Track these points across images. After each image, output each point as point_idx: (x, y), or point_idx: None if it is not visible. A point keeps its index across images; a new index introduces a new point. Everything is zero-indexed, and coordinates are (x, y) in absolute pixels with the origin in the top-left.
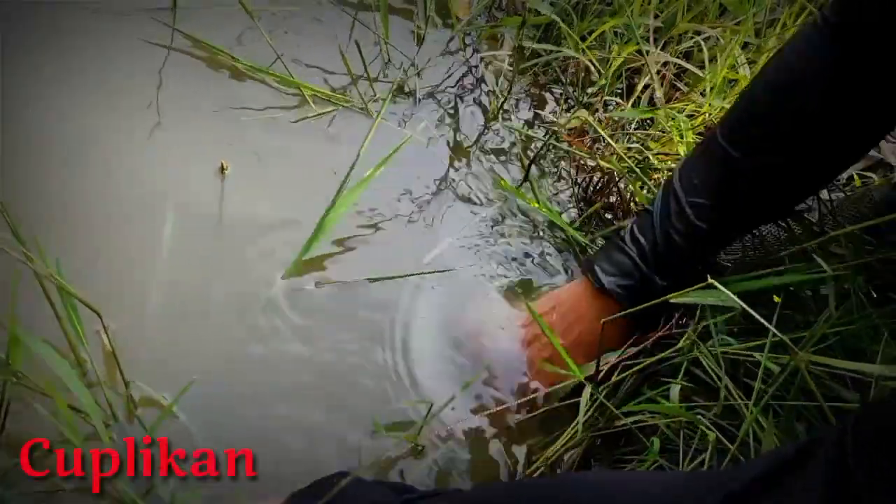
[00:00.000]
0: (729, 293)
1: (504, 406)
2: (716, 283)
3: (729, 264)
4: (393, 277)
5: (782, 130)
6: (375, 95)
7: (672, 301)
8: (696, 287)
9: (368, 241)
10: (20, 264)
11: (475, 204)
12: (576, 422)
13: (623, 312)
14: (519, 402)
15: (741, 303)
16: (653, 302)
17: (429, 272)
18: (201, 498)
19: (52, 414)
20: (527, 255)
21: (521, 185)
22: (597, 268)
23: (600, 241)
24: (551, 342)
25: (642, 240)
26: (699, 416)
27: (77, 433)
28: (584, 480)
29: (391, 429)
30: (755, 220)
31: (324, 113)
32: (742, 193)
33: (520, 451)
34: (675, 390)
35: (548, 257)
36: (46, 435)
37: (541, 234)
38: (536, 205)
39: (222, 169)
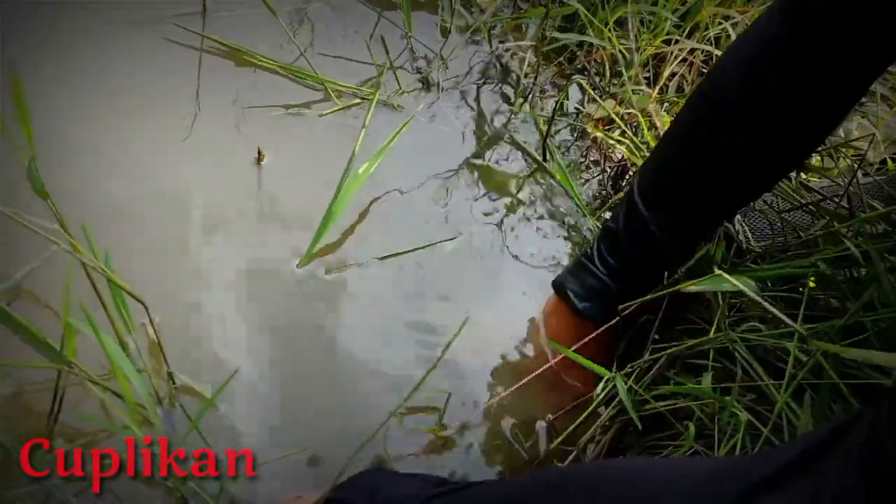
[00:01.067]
0: (734, 281)
1: (533, 394)
2: (723, 274)
3: (759, 249)
4: (401, 253)
5: (745, 112)
6: (400, 89)
7: (683, 291)
8: (708, 277)
9: (390, 230)
10: (69, 256)
11: (498, 193)
12: (597, 401)
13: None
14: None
15: (746, 290)
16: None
17: (438, 242)
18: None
19: (102, 402)
20: (545, 238)
21: (543, 160)
22: (570, 293)
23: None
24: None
25: (611, 261)
26: (729, 399)
27: (137, 422)
28: (606, 467)
29: (414, 412)
30: (720, 218)
31: (349, 106)
32: (703, 196)
33: (547, 439)
34: (707, 375)
35: (567, 246)
36: (96, 425)
37: (563, 221)
38: (561, 178)
39: (259, 158)
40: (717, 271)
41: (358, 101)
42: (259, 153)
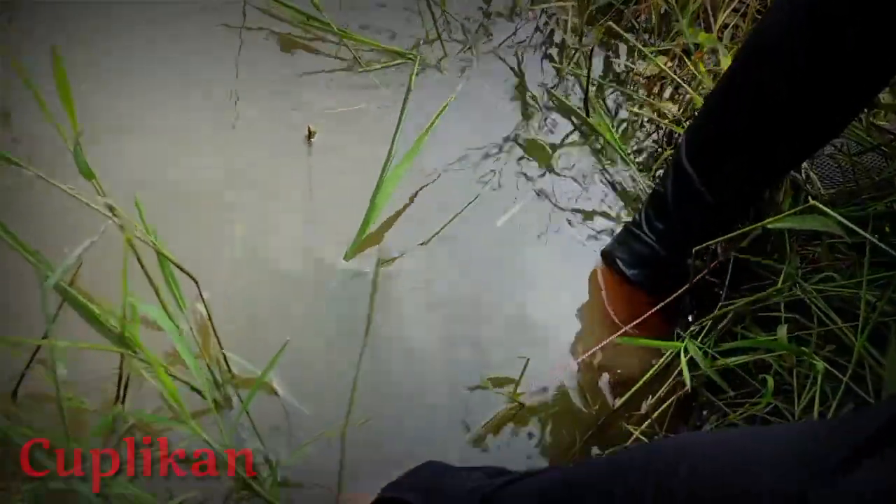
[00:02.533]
0: (835, 214)
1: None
2: (818, 206)
3: (828, 196)
4: (449, 222)
5: (786, 68)
6: (445, 55)
7: (769, 227)
8: (794, 210)
9: (440, 208)
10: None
11: (545, 159)
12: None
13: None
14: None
15: (847, 223)
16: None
17: (472, 202)
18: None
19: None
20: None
21: (587, 116)
22: (618, 261)
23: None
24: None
25: (659, 226)
26: (805, 349)
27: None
28: (681, 445)
29: (494, 383)
30: (764, 177)
31: (390, 65)
32: (745, 148)
33: (612, 394)
34: (782, 327)
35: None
36: (157, 407)
37: (614, 182)
38: (609, 136)
39: (309, 135)
40: (812, 202)
41: (400, 60)
42: (309, 131)
